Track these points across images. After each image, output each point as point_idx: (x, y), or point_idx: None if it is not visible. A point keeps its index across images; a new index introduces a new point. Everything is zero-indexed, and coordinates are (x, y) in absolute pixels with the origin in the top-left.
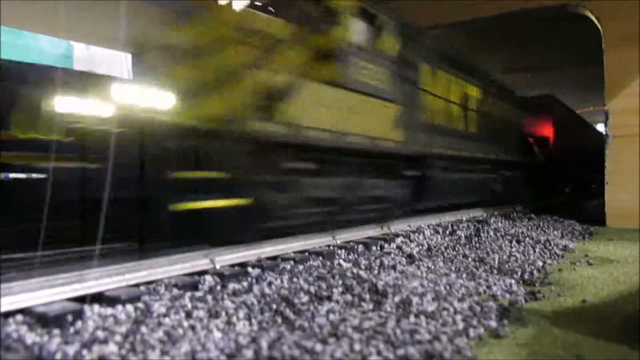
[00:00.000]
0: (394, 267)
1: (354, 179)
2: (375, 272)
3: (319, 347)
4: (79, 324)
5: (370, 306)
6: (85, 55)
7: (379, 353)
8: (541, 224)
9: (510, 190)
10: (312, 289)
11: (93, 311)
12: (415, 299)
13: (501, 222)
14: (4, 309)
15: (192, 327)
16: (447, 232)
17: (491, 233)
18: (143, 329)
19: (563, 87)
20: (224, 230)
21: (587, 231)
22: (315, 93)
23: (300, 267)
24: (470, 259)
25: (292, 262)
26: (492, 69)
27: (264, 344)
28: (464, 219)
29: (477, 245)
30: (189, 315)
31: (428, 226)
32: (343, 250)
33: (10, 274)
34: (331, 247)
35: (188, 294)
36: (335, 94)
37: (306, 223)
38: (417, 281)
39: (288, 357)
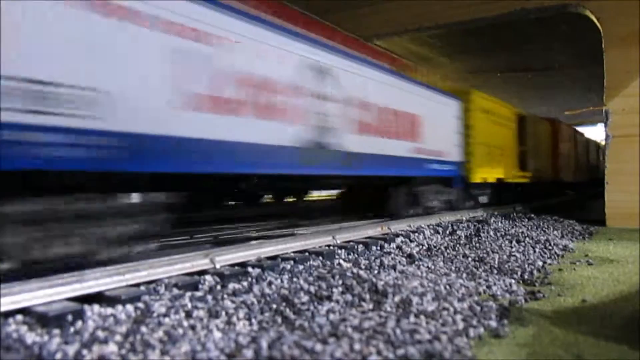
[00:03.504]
0: (394, 267)
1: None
2: (375, 272)
3: (319, 347)
4: (79, 323)
5: (370, 306)
6: None
7: (379, 353)
8: (541, 224)
9: None
10: (312, 289)
11: (93, 311)
12: (415, 299)
13: (501, 222)
14: (4, 308)
15: (192, 327)
16: (447, 232)
17: (491, 233)
18: (143, 328)
19: (563, 87)
20: None
21: (587, 231)
22: None
23: (300, 266)
24: (470, 259)
25: (292, 262)
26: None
27: (264, 343)
28: (464, 219)
29: (477, 245)
30: (189, 315)
31: (428, 226)
32: (343, 250)
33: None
34: (331, 247)
35: (188, 293)
36: None
37: None
38: (417, 281)
39: (288, 357)
